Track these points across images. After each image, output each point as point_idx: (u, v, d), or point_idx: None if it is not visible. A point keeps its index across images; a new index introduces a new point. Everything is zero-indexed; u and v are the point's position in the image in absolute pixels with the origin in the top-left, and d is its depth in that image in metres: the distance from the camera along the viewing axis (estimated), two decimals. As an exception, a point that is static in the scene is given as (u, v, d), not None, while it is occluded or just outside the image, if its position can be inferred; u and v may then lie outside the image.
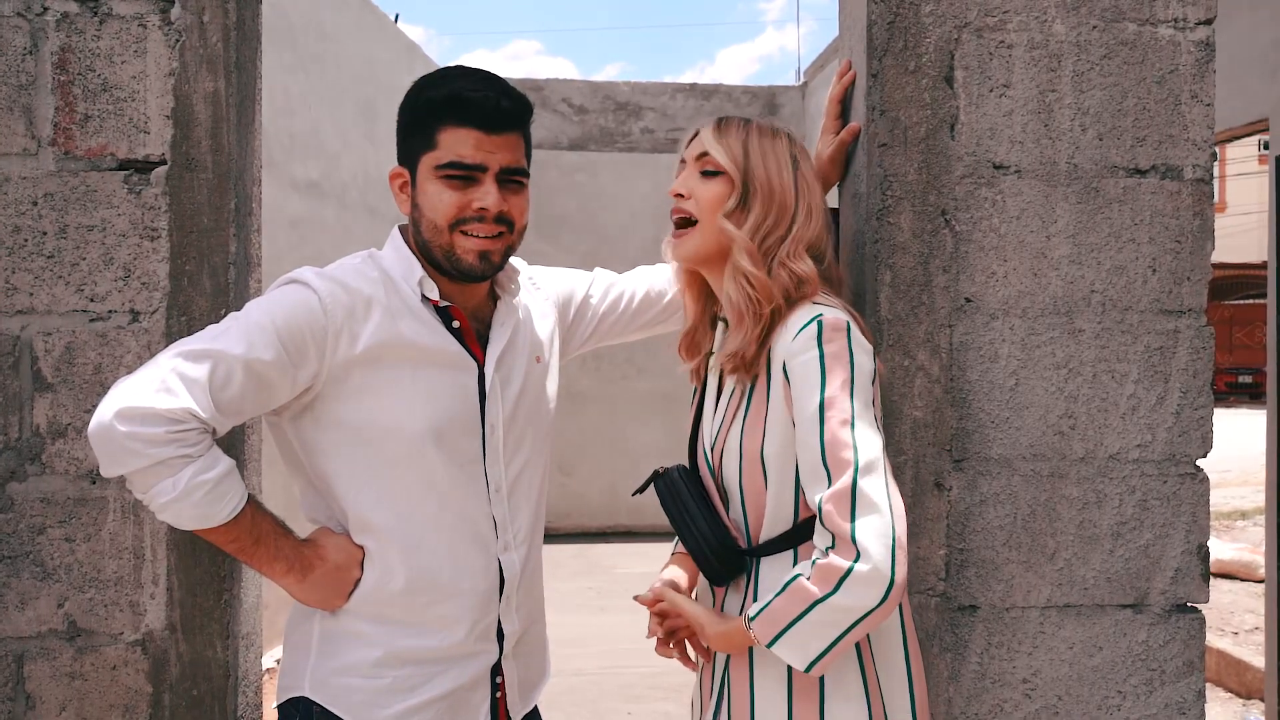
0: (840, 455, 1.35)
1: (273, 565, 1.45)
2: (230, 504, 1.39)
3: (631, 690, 4.54)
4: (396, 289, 1.48)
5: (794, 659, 1.37)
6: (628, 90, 8.61)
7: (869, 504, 1.32)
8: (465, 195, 1.45)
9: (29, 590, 1.78)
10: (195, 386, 1.34)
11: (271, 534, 1.45)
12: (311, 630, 1.51)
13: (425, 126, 1.46)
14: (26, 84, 1.79)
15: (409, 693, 1.47)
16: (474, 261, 1.47)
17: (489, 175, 1.45)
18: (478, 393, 1.51)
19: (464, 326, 1.51)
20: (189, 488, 1.35)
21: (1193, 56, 1.84)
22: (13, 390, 1.79)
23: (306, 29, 5.31)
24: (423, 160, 1.46)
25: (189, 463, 1.35)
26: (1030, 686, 1.83)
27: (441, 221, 1.46)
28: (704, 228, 1.54)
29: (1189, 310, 1.85)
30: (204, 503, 1.37)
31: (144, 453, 1.32)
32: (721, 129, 1.55)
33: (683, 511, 1.54)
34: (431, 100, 1.45)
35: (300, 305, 1.42)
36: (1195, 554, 1.84)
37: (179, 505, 1.36)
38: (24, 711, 1.79)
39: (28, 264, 1.79)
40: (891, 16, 1.82)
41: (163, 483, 1.35)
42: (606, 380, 8.22)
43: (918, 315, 1.81)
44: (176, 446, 1.33)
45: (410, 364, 1.45)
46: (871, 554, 1.29)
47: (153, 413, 1.32)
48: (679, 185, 1.57)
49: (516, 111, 1.47)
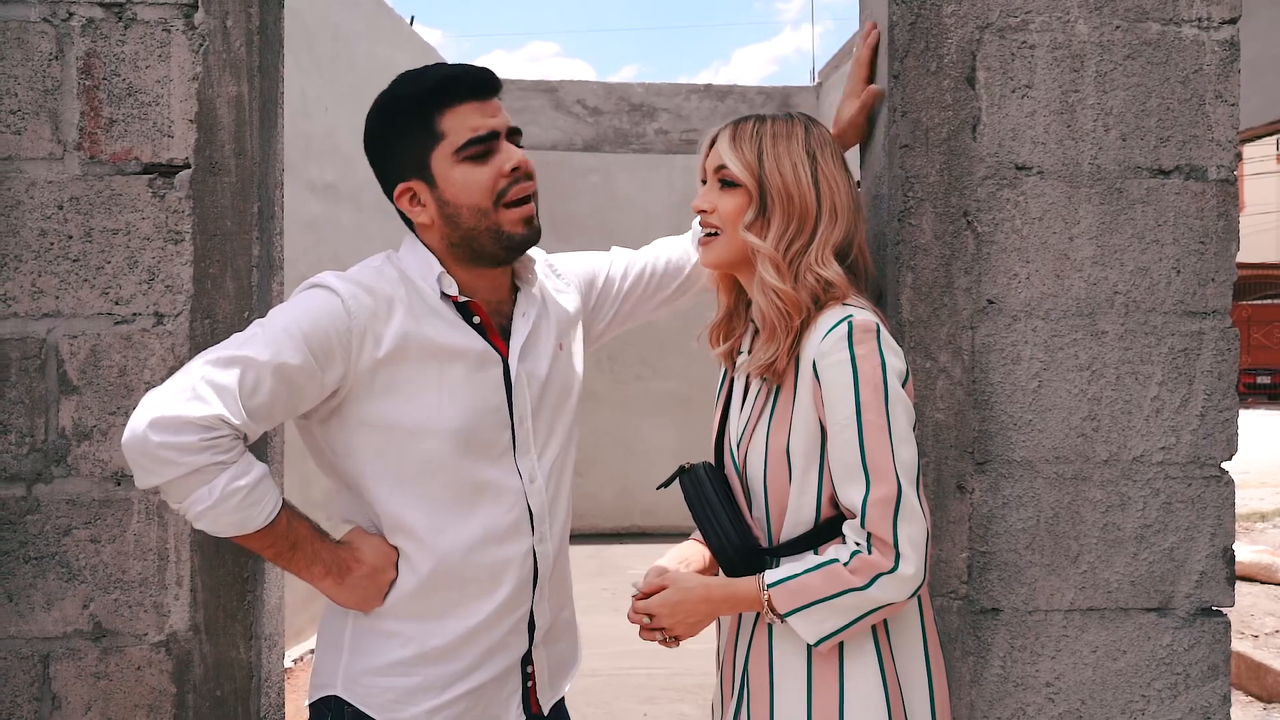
0: (880, 460, 1.40)
1: (310, 569, 1.46)
2: (266, 509, 1.40)
3: (646, 691, 4.54)
4: (416, 288, 1.49)
5: (806, 632, 1.43)
6: (642, 91, 8.62)
7: (912, 512, 1.40)
8: (493, 165, 1.47)
9: (55, 591, 1.80)
10: (225, 393, 1.35)
11: (308, 538, 1.45)
12: (344, 629, 1.51)
13: (424, 123, 1.47)
14: (52, 89, 1.81)
15: (440, 690, 1.48)
16: (523, 230, 1.49)
17: (501, 137, 1.48)
18: (504, 386, 1.51)
19: (485, 321, 1.52)
20: (225, 494, 1.35)
21: (1217, 56, 1.83)
22: (39, 393, 1.80)
23: (322, 31, 5.34)
24: (435, 156, 1.47)
25: (223, 469, 1.35)
26: (1053, 690, 1.82)
27: (484, 201, 1.46)
28: (727, 238, 1.55)
29: (1213, 312, 1.84)
30: (240, 508, 1.37)
31: (178, 461, 1.33)
32: (736, 137, 1.54)
33: (706, 508, 1.55)
34: (420, 95, 1.47)
35: (324, 309, 1.42)
36: (1220, 557, 1.83)
37: (215, 512, 1.36)
38: (50, 711, 1.80)
39: (53, 267, 1.81)
40: (913, 18, 1.81)
41: (198, 491, 1.35)
42: (620, 381, 8.22)
43: (939, 317, 1.81)
44: (211, 454, 1.34)
45: (434, 362, 1.46)
46: (911, 560, 1.39)
47: (185, 421, 1.32)
48: (702, 201, 1.57)
49: (495, 77, 1.51)
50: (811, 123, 1.56)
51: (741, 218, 1.52)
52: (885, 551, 1.39)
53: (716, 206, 1.55)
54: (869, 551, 1.40)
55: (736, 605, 1.51)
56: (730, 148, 1.53)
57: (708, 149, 1.59)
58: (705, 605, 1.52)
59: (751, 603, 1.48)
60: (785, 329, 1.48)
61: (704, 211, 1.57)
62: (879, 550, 1.40)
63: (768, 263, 1.50)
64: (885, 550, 1.39)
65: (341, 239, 5.50)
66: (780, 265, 1.49)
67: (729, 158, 1.53)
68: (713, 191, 1.56)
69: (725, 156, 1.53)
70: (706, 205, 1.56)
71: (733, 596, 1.50)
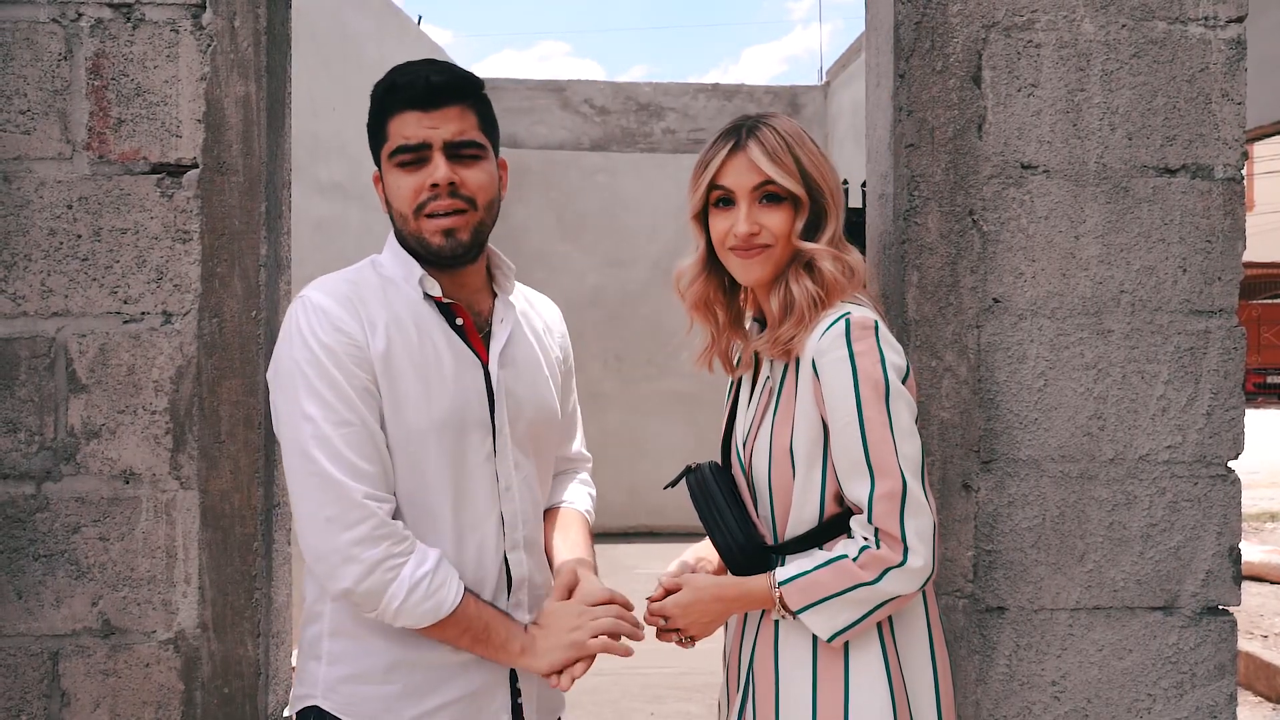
0: (884, 456, 1.41)
1: (508, 647, 1.46)
2: (453, 590, 1.41)
3: (653, 690, 4.54)
4: (399, 290, 1.49)
5: (820, 628, 1.44)
6: (649, 91, 8.62)
7: (918, 506, 1.41)
8: (419, 176, 1.46)
9: (64, 589, 1.81)
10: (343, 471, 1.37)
11: (497, 616, 1.46)
12: (320, 638, 1.49)
13: (379, 122, 1.49)
14: (61, 89, 1.82)
15: (421, 698, 1.46)
16: (441, 241, 1.46)
17: (435, 150, 1.46)
18: (485, 390, 1.51)
19: (467, 324, 1.52)
20: (413, 584, 1.38)
21: (1223, 55, 1.83)
22: (48, 391, 1.81)
23: (330, 31, 5.35)
24: (382, 155, 1.49)
25: (404, 560, 1.38)
26: (1059, 689, 1.82)
27: (405, 208, 1.47)
28: (778, 251, 1.51)
29: (1220, 310, 1.83)
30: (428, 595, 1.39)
31: (360, 558, 1.36)
32: (770, 153, 1.49)
33: (712, 507, 1.55)
34: (375, 96, 1.49)
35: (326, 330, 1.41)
36: (1226, 556, 1.83)
37: (409, 602, 1.38)
38: (59, 708, 1.81)
39: (63, 267, 1.82)
40: (919, 17, 1.81)
41: (390, 589, 1.38)
42: (628, 381, 8.22)
43: (945, 316, 1.81)
44: (387, 545, 1.37)
45: (417, 365, 1.46)
46: (920, 553, 1.41)
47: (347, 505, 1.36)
48: (747, 224, 1.50)
49: (450, 84, 1.47)
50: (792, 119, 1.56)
51: (793, 228, 1.50)
52: (894, 546, 1.41)
53: (763, 225, 1.50)
54: (877, 546, 1.41)
55: (749, 604, 1.52)
56: (772, 164, 1.48)
57: (715, 171, 1.52)
58: (718, 605, 1.53)
59: (764, 600, 1.48)
60: (816, 311, 1.48)
61: (753, 234, 1.51)
62: (887, 544, 1.41)
63: (828, 258, 1.49)
64: (893, 544, 1.41)
65: (349, 239, 5.52)
66: (837, 258, 1.50)
67: (775, 173, 1.48)
68: (754, 210, 1.51)
69: (771, 172, 1.48)
70: (754, 227, 1.50)
71: (745, 595, 1.51)
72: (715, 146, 1.53)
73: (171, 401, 1.82)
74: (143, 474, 1.82)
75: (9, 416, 1.81)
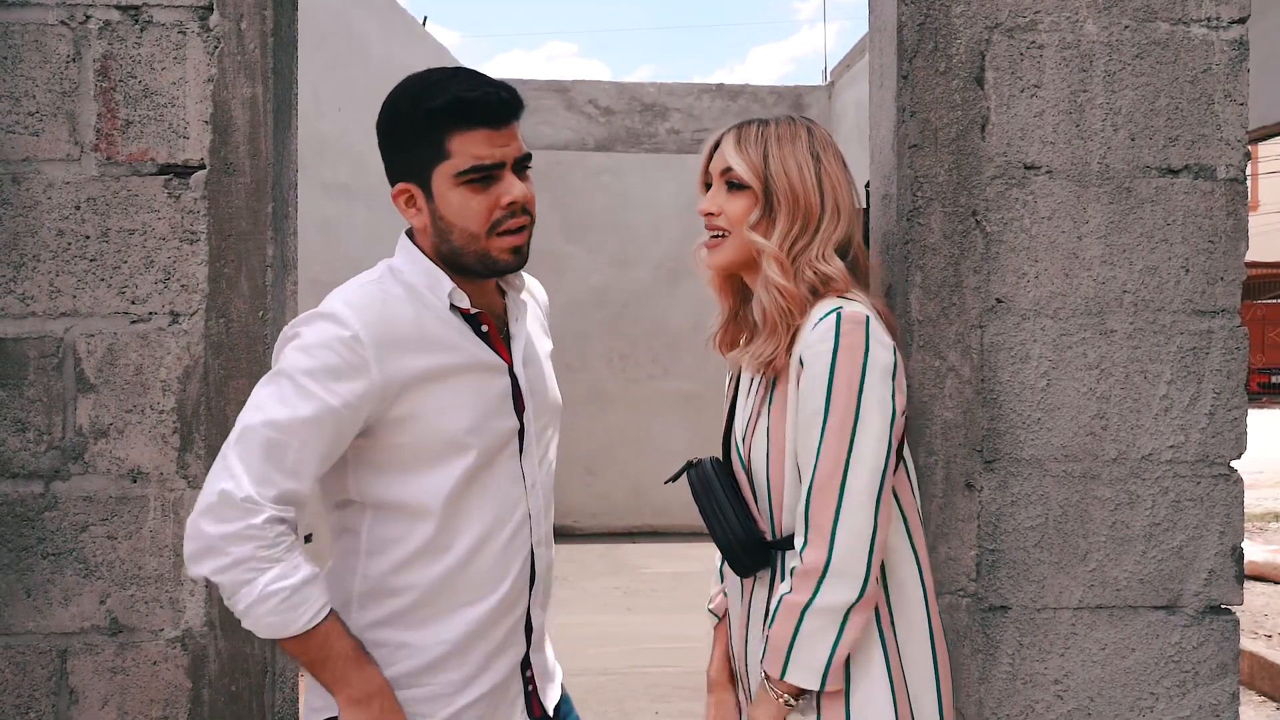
0: (835, 454, 1.41)
1: (334, 688, 1.42)
2: (307, 614, 1.36)
3: (658, 689, 4.55)
4: (423, 301, 1.47)
5: (806, 679, 1.42)
6: (654, 91, 8.63)
7: (856, 506, 1.40)
8: (491, 195, 1.45)
9: (72, 587, 1.82)
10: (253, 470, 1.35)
11: (340, 658, 1.40)
12: None
13: (432, 138, 1.44)
14: (70, 91, 1.83)
15: (450, 698, 1.47)
16: (510, 258, 1.47)
17: (507, 169, 1.46)
18: (511, 392, 1.52)
19: (491, 331, 1.52)
20: (264, 594, 1.34)
21: (1226, 55, 1.83)
22: (56, 391, 1.83)
23: (336, 33, 5.37)
24: (437, 172, 1.45)
25: (268, 566, 1.34)
26: (1062, 688, 1.83)
27: (477, 228, 1.45)
28: (734, 240, 1.56)
29: (1222, 310, 1.84)
30: (278, 610, 1.35)
31: (224, 550, 1.34)
32: (741, 140, 1.56)
33: (713, 502, 1.56)
34: (432, 110, 1.43)
35: (337, 345, 1.39)
36: (1229, 555, 1.83)
37: (256, 611, 1.35)
38: (68, 706, 1.82)
39: (71, 267, 1.83)
40: (922, 18, 1.82)
41: (242, 590, 1.35)
42: (632, 380, 8.23)
43: (948, 316, 1.81)
44: (253, 545, 1.34)
45: (450, 378, 1.45)
46: (844, 554, 1.40)
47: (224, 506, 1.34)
48: (709, 204, 1.59)
49: (515, 101, 1.48)
50: (814, 125, 1.59)
51: (747, 219, 1.54)
52: (819, 545, 1.40)
53: (723, 209, 1.57)
54: (804, 547, 1.41)
55: (779, 710, 1.48)
56: (736, 150, 1.55)
57: (710, 154, 1.60)
58: None
59: (769, 701, 1.46)
60: (785, 326, 1.51)
61: (711, 214, 1.59)
62: (813, 544, 1.41)
63: (772, 261, 1.51)
64: (819, 543, 1.40)
65: (355, 239, 5.53)
66: (784, 263, 1.51)
67: (735, 160, 1.55)
68: (719, 194, 1.58)
69: (731, 159, 1.55)
70: (714, 208, 1.58)
71: (758, 706, 1.49)
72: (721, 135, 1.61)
73: (179, 401, 1.83)
74: (150, 473, 1.83)
75: (18, 416, 1.83)
